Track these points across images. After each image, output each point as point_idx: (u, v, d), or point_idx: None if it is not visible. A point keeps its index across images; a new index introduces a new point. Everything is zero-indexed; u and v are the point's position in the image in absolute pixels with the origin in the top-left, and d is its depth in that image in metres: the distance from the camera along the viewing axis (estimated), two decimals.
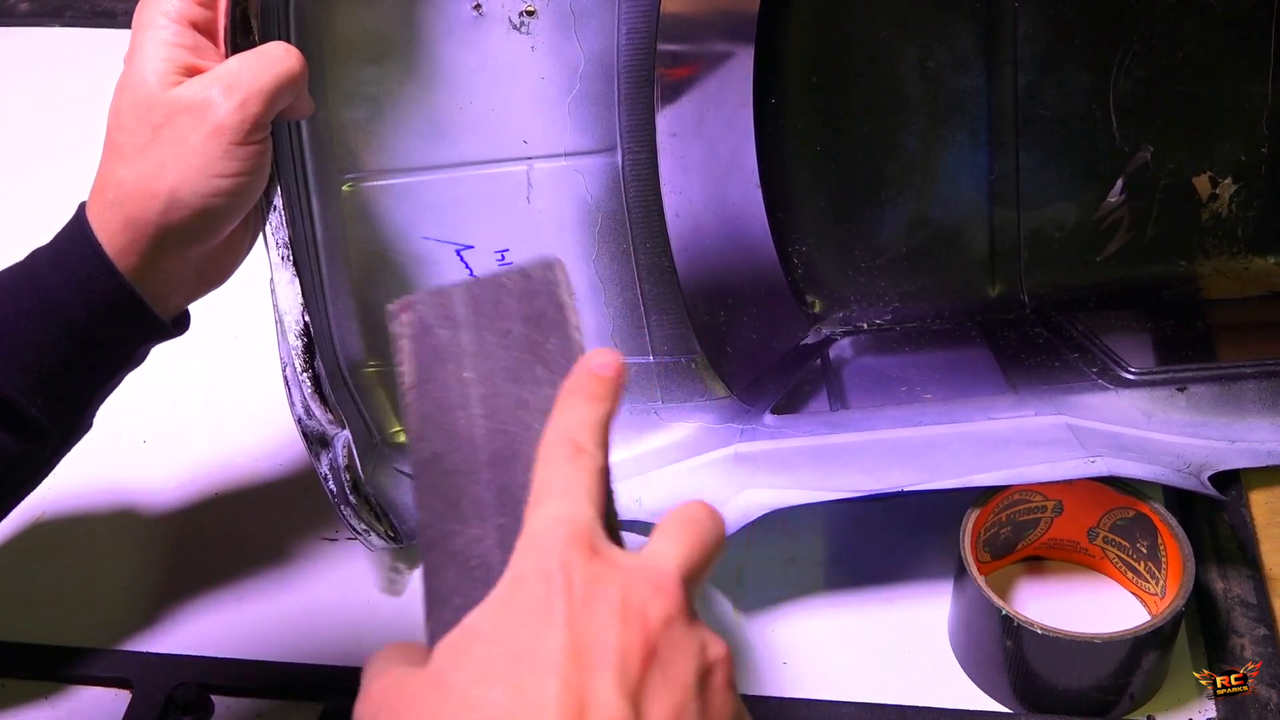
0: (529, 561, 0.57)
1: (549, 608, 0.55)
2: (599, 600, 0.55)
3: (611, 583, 0.56)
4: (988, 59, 1.05)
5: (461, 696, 0.54)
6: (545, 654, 0.54)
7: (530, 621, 0.55)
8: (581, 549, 0.57)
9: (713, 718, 0.55)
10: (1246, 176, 1.07)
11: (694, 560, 0.59)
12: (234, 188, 0.75)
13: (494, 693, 0.53)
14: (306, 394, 0.87)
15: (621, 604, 0.55)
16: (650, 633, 0.55)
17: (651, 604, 0.56)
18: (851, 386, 1.04)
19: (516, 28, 0.92)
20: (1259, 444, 0.96)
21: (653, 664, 0.54)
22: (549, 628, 0.54)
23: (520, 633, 0.55)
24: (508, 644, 0.54)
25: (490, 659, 0.54)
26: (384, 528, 0.92)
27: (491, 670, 0.54)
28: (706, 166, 1.00)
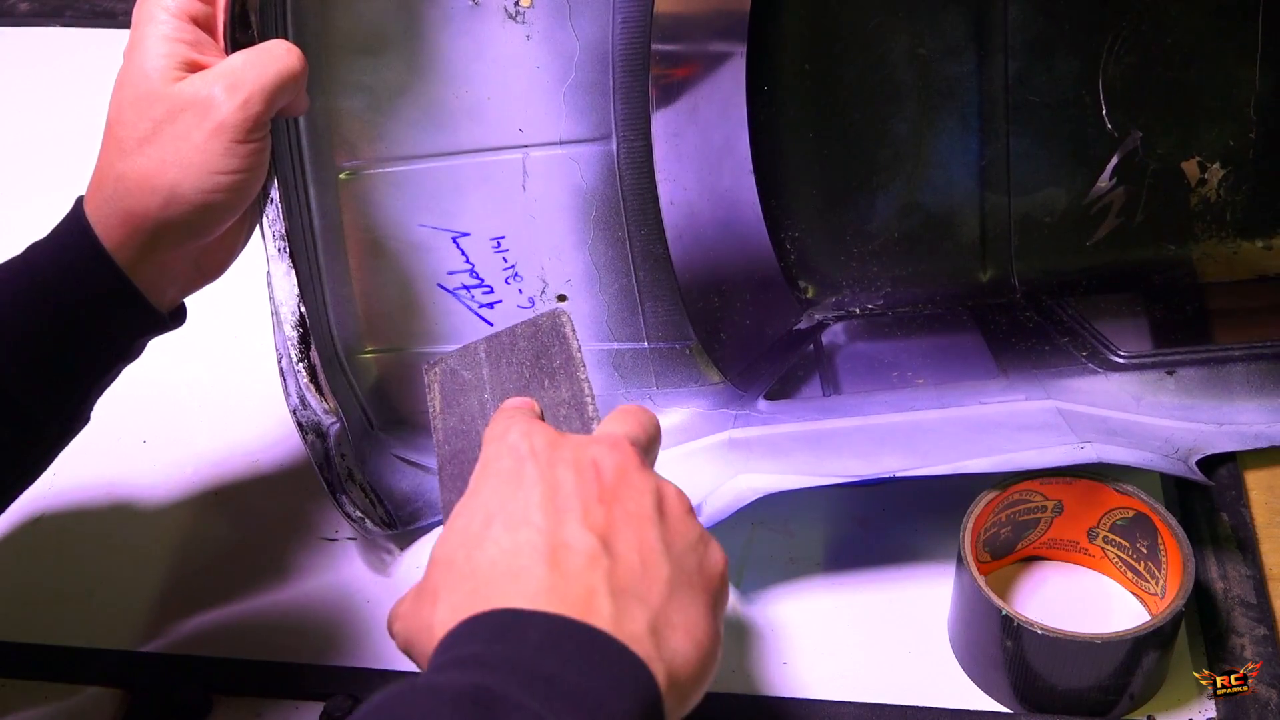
0: (494, 447, 0.68)
1: (519, 471, 0.65)
2: (559, 462, 0.65)
3: (567, 447, 0.66)
4: (978, 45, 1.05)
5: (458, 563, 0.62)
6: (521, 507, 0.63)
7: (505, 486, 0.65)
8: (537, 430, 0.68)
9: (675, 542, 0.64)
10: (1235, 161, 1.08)
11: (637, 432, 0.70)
12: (234, 184, 0.75)
13: (482, 552, 0.62)
14: (302, 384, 0.87)
15: (577, 460, 0.65)
16: (606, 479, 0.65)
17: (604, 457, 0.66)
18: (844, 372, 1.04)
19: (512, 17, 0.93)
20: (1247, 426, 0.97)
21: (613, 503, 0.63)
22: (521, 488, 0.64)
23: (498, 496, 0.64)
24: (489, 507, 0.64)
25: (473, 524, 0.64)
26: (379, 513, 0.93)
27: (476, 534, 0.63)
28: (700, 154, 1.01)
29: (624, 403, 0.98)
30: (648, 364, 1.00)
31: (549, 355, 0.81)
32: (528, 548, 0.61)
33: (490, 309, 0.98)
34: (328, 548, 0.95)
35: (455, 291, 0.97)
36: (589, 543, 0.61)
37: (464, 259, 0.97)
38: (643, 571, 0.61)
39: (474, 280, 0.97)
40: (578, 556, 0.61)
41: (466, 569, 0.62)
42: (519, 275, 0.98)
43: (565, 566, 0.60)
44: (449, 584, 0.62)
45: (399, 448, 0.97)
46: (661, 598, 0.61)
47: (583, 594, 0.59)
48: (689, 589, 0.62)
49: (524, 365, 0.81)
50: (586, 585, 0.59)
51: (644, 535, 0.63)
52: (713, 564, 0.65)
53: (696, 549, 0.64)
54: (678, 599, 0.61)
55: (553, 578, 0.60)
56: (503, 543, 0.62)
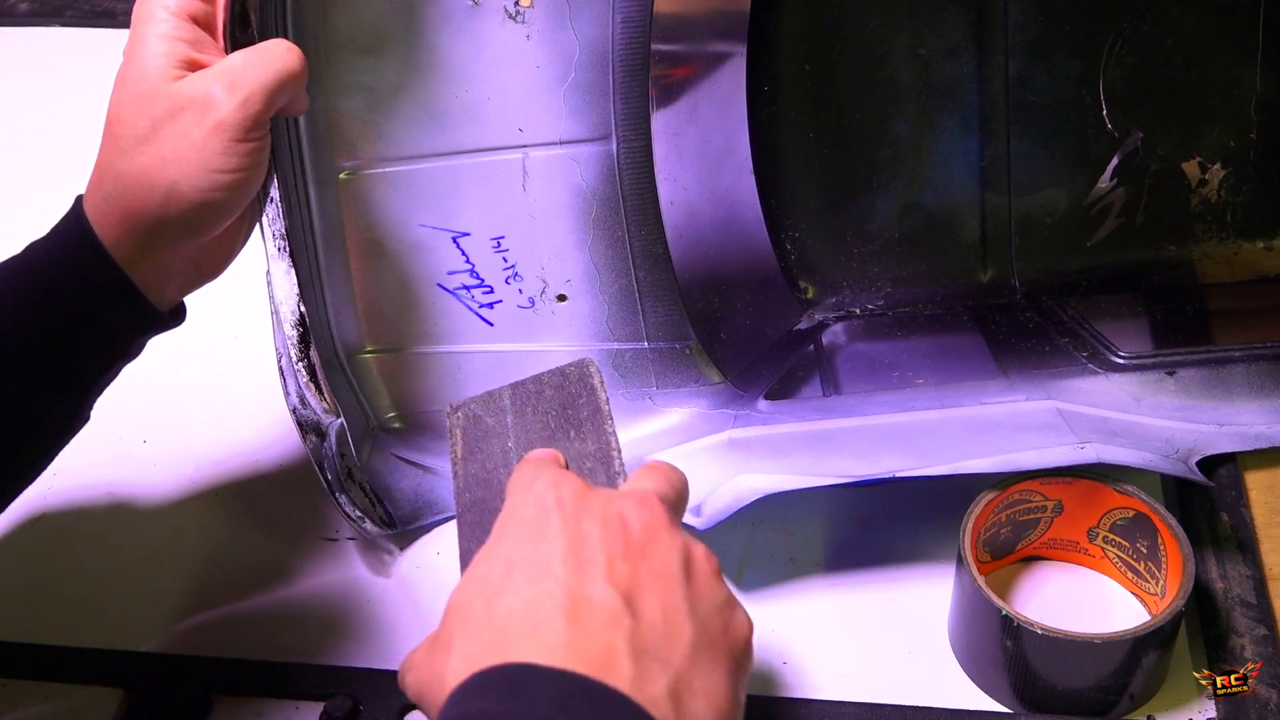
0: (519, 496, 0.67)
1: (543, 522, 0.64)
2: (586, 515, 0.64)
3: (595, 500, 0.65)
4: (979, 46, 1.05)
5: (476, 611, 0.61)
6: (544, 558, 0.62)
7: (528, 536, 0.64)
8: (565, 481, 0.66)
9: (701, 604, 0.62)
10: (1235, 162, 1.08)
11: (665, 489, 0.68)
12: (233, 183, 0.75)
13: (501, 602, 0.61)
14: (302, 383, 0.87)
15: (604, 514, 0.64)
16: (633, 535, 0.63)
17: (632, 513, 0.64)
18: (844, 372, 1.05)
19: (512, 17, 0.93)
20: (1247, 427, 0.96)
21: (639, 560, 0.62)
22: (545, 540, 0.63)
23: (521, 547, 0.63)
24: (511, 558, 0.63)
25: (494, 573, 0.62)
26: (379, 513, 0.93)
27: (496, 584, 0.61)
28: (700, 154, 1.01)
29: (623, 403, 0.98)
30: (648, 364, 1.00)
31: (576, 406, 0.80)
32: (548, 601, 0.60)
33: (490, 309, 0.98)
34: (328, 548, 0.95)
35: (455, 291, 0.97)
36: (611, 599, 0.60)
37: (464, 259, 0.97)
38: (665, 632, 0.60)
39: (474, 280, 0.97)
40: (599, 613, 0.59)
41: (484, 619, 0.60)
42: (519, 275, 0.98)
43: (586, 622, 0.59)
44: (465, 634, 0.61)
45: (398, 447, 0.97)
46: (684, 660, 0.59)
47: (602, 652, 0.58)
48: (712, 653, 0.61)
49: (550, 415, 0.81)
50: (606, 643, 0.58)
51: (669, 595, 0.61)
52: (737, 628, 0.64)
53: (722, 612, 0.63)
54: (700, 663, 0.60)
55: (572, 633, 0.58)
56: (523, 594, 0.60)
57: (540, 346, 0.99)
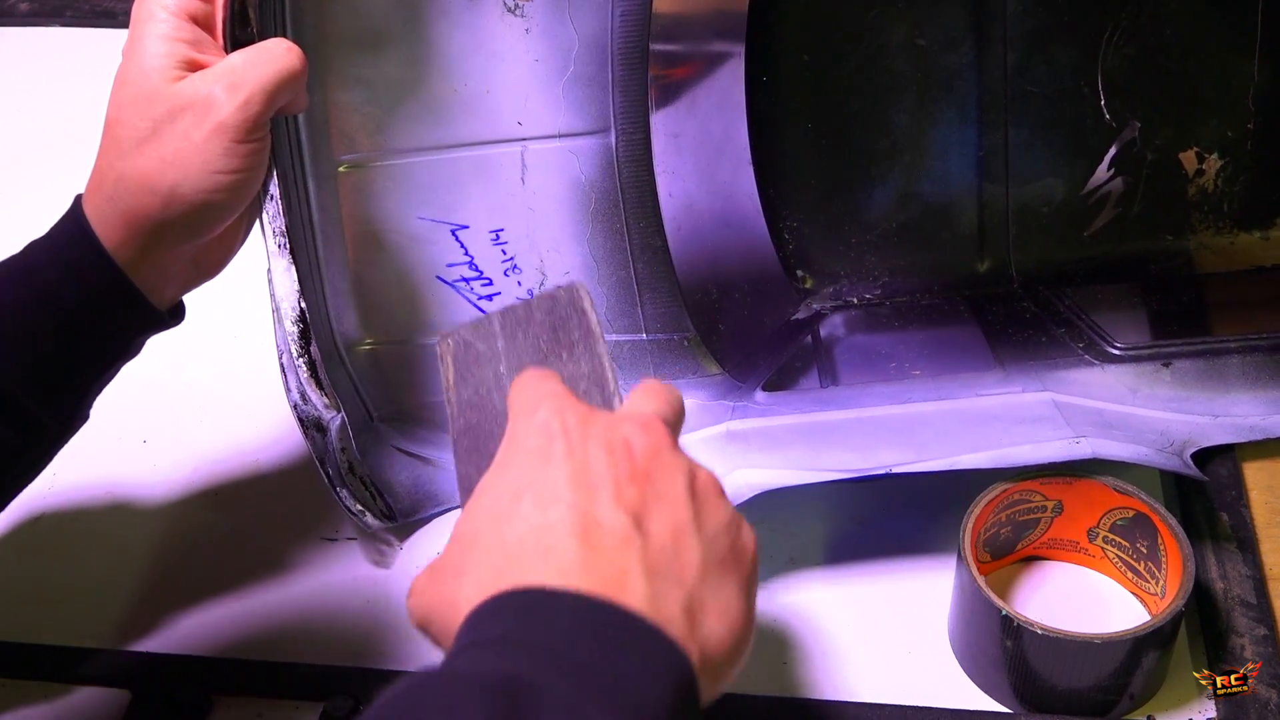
0: (522, 423, 0.66)
1: (547, 449, 0.63)
2: (591, 440, 0.63)
3: (599, 425, 0.64)
4: (977, 36, 1.05)
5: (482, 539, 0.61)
6: (552, 484, 0.61)
7: (533, 462, 0.63)
8: (568, 406, 0.66)
9: (707, 524, 0.62)
10: (1232, 153, 1.08)
11: (666, 411, 0.68)
12: (233, 184, 0.75)
13: (510, 528, 0.60)
14: (302, 379, 0.88)
15: (609, 439, 0.63)
16: (638, 459, 0.62)
17: (636, 436, 0.64)
18: (842, 363, 1.05)
19: (511, 10, 0.93)
20: (1242, 418, 0.97)
21: (645, 483, 0.61)
22: (550, 466, 0.62)
23: (526, 473, 0.62)
24: (517, 484, 0.62)
25: (502, 499, 0.62)
26: (379, 506, 0.93)
27: (505, 509, 0.61)
28: (699, 146, 1.01)
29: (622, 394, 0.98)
30: (646, 356, 1.01)
31: (567, 329, 0.79)
32: (559, 524, 0.59)
33: (489, 300, 0.98)
34: (328, 547, 0.96)
35: (454, 284, 0.98)
36: (621, 521, 0.59)
37: (463, 251, 0.97)
38: (675, 552, 0.60)
39: (473, 273, 0.98)
40: (610, 534, 0.59)
41: (494, 544, 0.60)
42: (518, 268, 0.98)
43: (598, 544, 0.59)
44: (475, 560, 0.60)
45: (399, 440, 0.98)
46: (695, 579, 0.59)
47: (616, 572, 0.58)
48: (721, 570, 0.61)
49: (541, 338, 0.79)
50: (619, 564, 0.58)
51: (676, 516, 0.61)
52: (744, 545, 0.64)
53: (729, 530, 0.63)
54: (710, 580, 0.60)
55: (585, 554, 0.58)
56: (532, 519, 0.60)
57: None
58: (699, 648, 0.58)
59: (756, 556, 0.65)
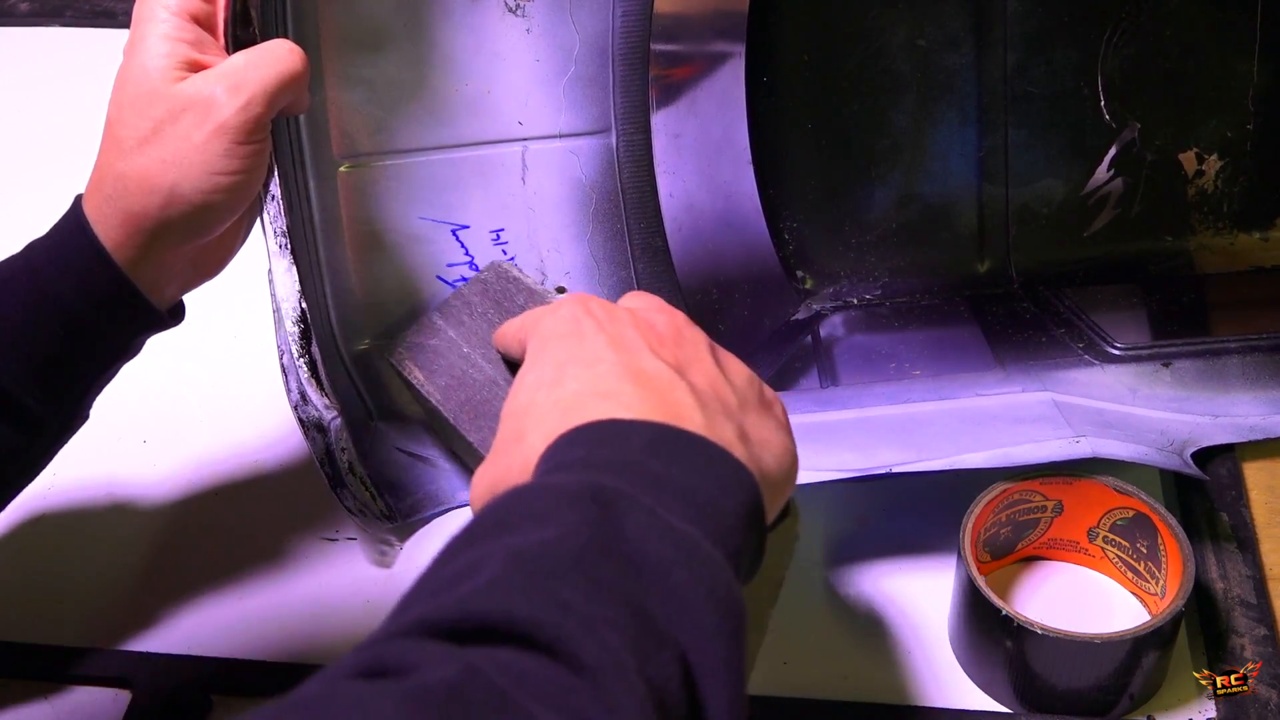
0: (547, 321, 0.70)
1: (580, 329, 0.67)
2: (617, 320, 0.68)
3: (620, 308, 0.69)
4: (977, 37, 1.05)
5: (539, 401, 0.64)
6: (592, 349, 0.66)
7: (568, 340, 0.67)
8: (588, 297, 0.70)
9: (736, 379, 0.67)
10: (1232, 153, 1.08)
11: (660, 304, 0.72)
12: (234, 185, 0.75)
13: (564, 388, 0.64)
14: (303, 379, 0.88)
15: (633, 319, 0.68)
16: (663, 331, 0.68)
17: (657, 315, 0.69)
18: (842, 363, 1.05)
19: (512, 10, 0.93)
20: (1242, 418, 0.97)
21: (675, 347, 0.67)
22: (585, 339, 0.66)
23: (564, 348, 0.66)
24: (558, 357, 0.66)
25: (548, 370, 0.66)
26: (380, 506, 0.93)
27: (553, 376, 0.65)
28: (699, 146, 1.01)
29: None
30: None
31: (509, 297, 0.83)
32: (609, 375, 0.64)
33: None
34: (328, 547, 0.96)
35: (455, 284, 0.97)
36: (664, 368, 0.64)
37: (464, 251, 0.97)
38: (716, 393, 0.65)
39: (474, 273, 0.97)
40: (658, 377, 0.64)
41: (550, 404, 0.63)
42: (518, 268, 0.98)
43: (650, 384, 0.63)
44: (534, 421, 0.63)
45: (399, 439, 0.97)
46: (739, 414, 0.65)
47: (673, 404, 0.62)
48: (758, 413, 0.67)
49: (488, 314, 0.83)
50: (674, 398, 0.63)
51: (708, 370, 0.66)
52: (770, 396, 0.69)
53: (754, 383, 0.68)
54: (752, 417, 0.66)
55: (641, 392, 0.62)
56: (582, 377, 0.64)
57: None
58: (757, 467, 0.62)
59: (784, 406, 0.70)
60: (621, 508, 0.54)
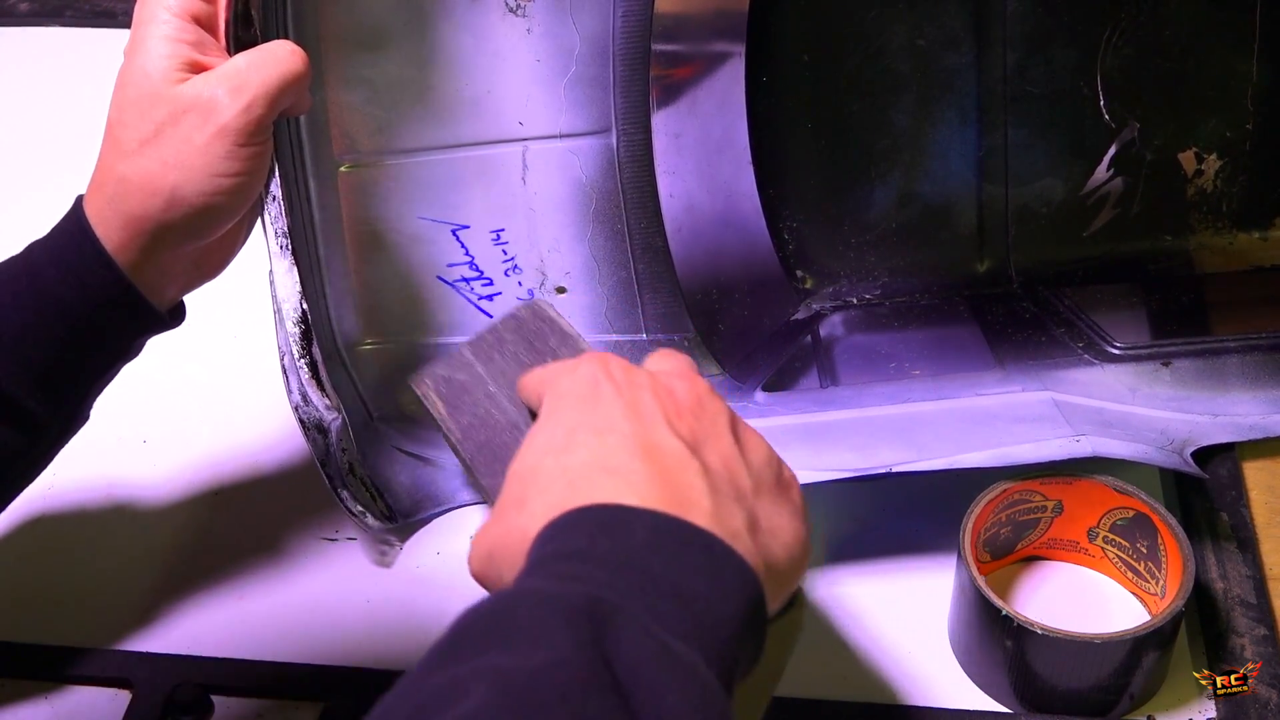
0: (566, 380, 0.67)
1: (596, 392, 0.65)
2: (636, 386, 0.65)
3: (641, 372, 0.67)
4: (977, 37, 1.05)
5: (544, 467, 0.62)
6: (605, 417, 0.63)
7: (582, 404, 0.64)
8: (609, 358, 0.67)
9: (754, 459, 0.64)
10: (1231, 153, 1.08)
11: (694, 366, 0.70)
12: (236, 186, 0.75)
13: (571, 457, 0.61)
14: (304, 380, 0.88)
15: (653, 384, 0.65)
16: (682, 400, 0.65)
17: (678, 383, 0.66)
18: (841, 363, 1.05)
19: (512, 10, 0.93)
20: (1242, 417, 0.97)
21: (693, 420, 0.64)
22: (600, 404, 0.64)
23: (577, 412, 0.64)
24: (569, 422, 0.64)
25: (558, 435, 0.63)
26: (380, 507, 0.93)
27: (561, 443, 0.63)
28: (699, 146, 1.01)
29: None
30: (647, 356, 1.00)
31: (541, 338, 0.81)
32: (619, 448, 0.61)
33: (490, 300, 0.99)
34: (328, 548, 0.96)
35: (455, 284, 0.98)
36: (679, 445, 0.61)
37: (464, 251, 0.97)
38: (730, 476, 0.62)
39: (474, 273, 0.98)
40: (671, 455, 0.61)
41: (556, 472, 0.61)
42: (518, 268, 0.98)
43: (660, 463, 0.60)
44: (539, 488, 0.61)
45: (399, 440, 0.98)
46: (752, 499, 0.62)
47: (681, 489, 0.59)
48: (773, 495, 0.64)
49: (519, 353, 0.81)
50: (684, 481, 0.60)
51: (724, 448, 0.63)
52: (789, 478, 0.66)
53: (772, 463, 0.65)
54: (764, 502, 0.63)
55: (650, 471, 0.60)
56: (592, 446, 0.62)
57: None
58: (763, 559, 0.60)
59: (801, 490, 0.67)
60: (617, 625, 0.52)
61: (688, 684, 0.51)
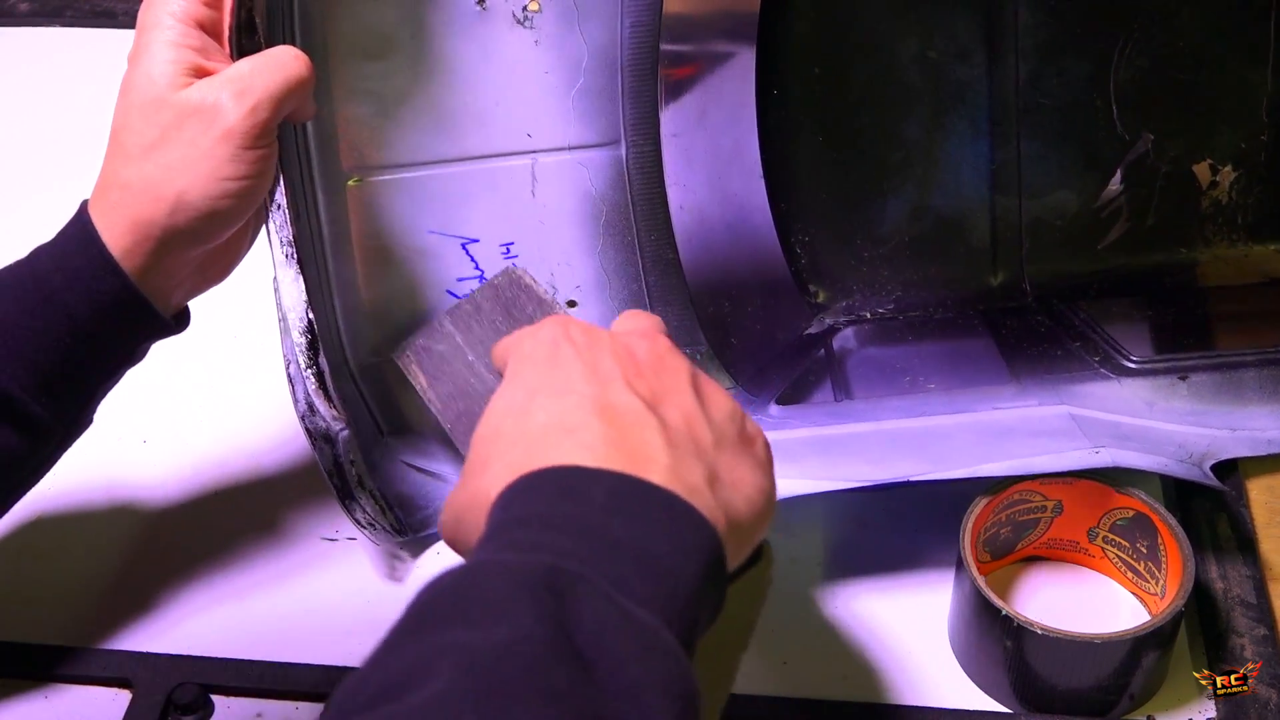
0: (527, 342, 0.67)
1: (556, 354, 0.65)
2: (596, 345, 0.66)
3: (601, 334, 0.67)
4: (989, 48, 1.05)
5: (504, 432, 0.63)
6: (565, 378, 0.63)
7: (544, 366, 0.65)
8: (570, 321, 0.68)
9: (714, 414, 0.64)
10: (1246, 164, 1.07)
11: (657, 324, 0.71)
12: (241, 190, 0.75)
13: (533, 418, 0.62)
14: (310, 390, 0.87)
15: (613, 346, 0.66)
16: (642, 359, 0.65)
17: (638, 343, 0.66)
18: (855, 377, 1.04)
19: (520, 22, 0.92)
20: (1260, 432, 0.96)
21: (653, 378, 0.64)
22: (560, 366, 0.64)
23: (538, 374, 0.65)
24: (531, 384, 0.64)
25: (519, 397, 0.64)
26: (389, 520, 0.92)
27: (523, 404, 0.63)
28: (710, 159, 1.00)
29: None
30: None
31: (518, 306, 0.82)
32: (577, 408, 0.61)
33: None
34: (328, 548, 0.95)
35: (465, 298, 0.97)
36: (636, 403, 0.62)
37: (473, 265, 0.97)
38: (689, 432, 0.62)
39: None
40: (628, 413, 0.61)
41: (516, 434, 0.62)
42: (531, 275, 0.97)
43: (618, 421, 0.61)
44: (499, 450, 0.62)
45: (408, 454, 0.97)
46: (711, 454, 0.62)
47: (639, 445, 0.60)
48: (735, 449, 0.64)
49: (496, 321, 0.82)
50: (641, 438, 0.60)
51: (685, 404, 0.64)
52: (752, 432, 0.66)
53: (735, 418, 0.65)
54: (725, 457, 0.63)
55: (607, 430, 0.60)
56: (550, 408, 0.62)
57: None
58: (724, 513, 0.60)
59: (768, 444, 0.67)
60: (578, 595, 0.52)
61: (649, 652, 0.51)
